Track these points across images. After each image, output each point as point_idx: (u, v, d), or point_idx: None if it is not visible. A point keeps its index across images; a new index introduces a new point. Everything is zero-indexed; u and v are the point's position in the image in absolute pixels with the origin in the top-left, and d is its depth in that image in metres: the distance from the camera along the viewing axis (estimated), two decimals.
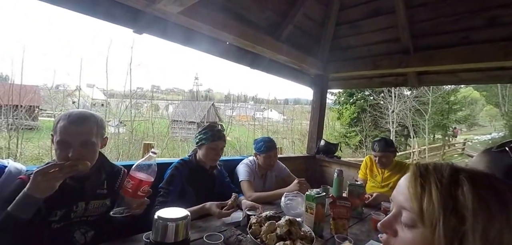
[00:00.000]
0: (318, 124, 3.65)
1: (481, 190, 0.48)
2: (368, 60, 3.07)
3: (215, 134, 1.82)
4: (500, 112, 23.20)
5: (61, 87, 9.18)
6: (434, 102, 16.03)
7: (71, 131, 1.20)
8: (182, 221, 0.71)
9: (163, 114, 15.48)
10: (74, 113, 1.26)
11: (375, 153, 2.40)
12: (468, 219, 0.47)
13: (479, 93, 24.65)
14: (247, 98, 14.75)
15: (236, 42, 2.44)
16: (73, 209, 1.26)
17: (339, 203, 1.52)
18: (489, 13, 2.38)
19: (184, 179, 1.74)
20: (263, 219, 1.36)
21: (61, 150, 1.20)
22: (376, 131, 16.01)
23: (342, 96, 17.15)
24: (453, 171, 0.52)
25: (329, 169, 3.51)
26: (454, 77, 3.09)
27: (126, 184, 1.15)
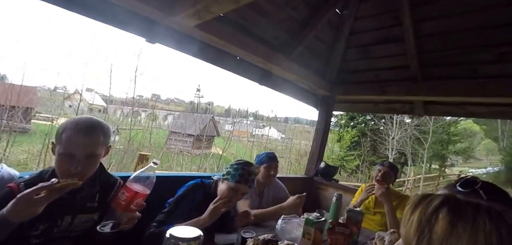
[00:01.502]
0: (321, 145, 3.63)
1: (458, 221, 0.48)
2: (375, 85, 3.09)
3: (243, 176, 1.59)
4: (498, 147, 23.39)
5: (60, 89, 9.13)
6: (434, 131, 16.14)
7: (77, 142, 1.13)
8: (195, 241, 0.68)
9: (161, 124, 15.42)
10: (82, 121, 1.19)
11: (382, 167, 2.41)
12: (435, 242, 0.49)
13: (479, 126, 24.90)
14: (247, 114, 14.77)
15: (247, 57, 2.45)
16: (57, 224, 1.17)
17: (338, 230, 1.50)
18: (499, 49, 2.40)
19: (195, 204, 1.59)
20: (260, 242, 1.32)
21: (63, 163, 1.14)
22: (374, 156, 16.02)
23: (343, 119, 17.24)
24: (443, 201, 0.52)
25: (326, 193, 3.46)
26: (461, 109, 3.10)
27: (120, 196, 1.09)
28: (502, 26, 2.34)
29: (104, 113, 9.22)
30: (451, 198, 0.52)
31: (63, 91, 8.96)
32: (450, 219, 0.49)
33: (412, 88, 2.85)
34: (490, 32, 2.41)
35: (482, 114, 3.12)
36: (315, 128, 3.74)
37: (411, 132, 15.58)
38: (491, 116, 3.29)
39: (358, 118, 16.95)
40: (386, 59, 3.01)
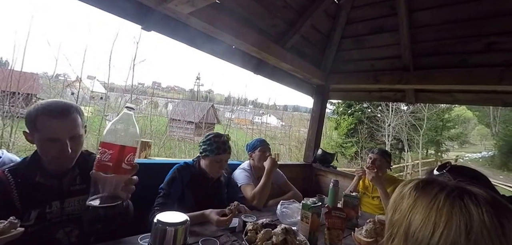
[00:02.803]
0: (317, 133, 3.67)
1: (420, 197, 0.54)
2: (369, 74, 3.11)
3: (220, 146, 1.73)
4: (490, 132, 23.51)
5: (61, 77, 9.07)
6: (429, 118, 16.22)
7: (58, 126, 1.11)
8: (181, 226, 0.70)
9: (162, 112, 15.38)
10: (53, 105, 1.13)
11: (372, 155, 2.49)
12: (400, 218, 0.54)
13: (472, 112, 24.93)
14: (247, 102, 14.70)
15: (242, 46, 2.45)
16: (47, 210, 1.16)
17: (334, 214, 1.50)
18: (487, 39, 2.44)
19: (185, 184, 1.69)
20: (259, 226, 1.35)
21: (51, 148, 1.12)
22: (371, 143, 16.09)
23: (340, 107, 17.22)
24: (417, 182, 0.58)
25: (325, 179, 3.52)
26: (450, 97, 3.13)
27: (103, 157, 0.84)
28: (491, 17, 2.37)
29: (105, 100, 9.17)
30: (421, 181, 0.57)
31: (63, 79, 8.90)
32: (415, 196, 0.54)
33: (404, 77, 2.88)
34: (480, 22, 2.44)
35: (470, 101, 3.16)
36: (311, 116, 3.76)
37: (406, 119, 15.62)
38: (478, 103, 3.31)
39: (355, 106, 16.92)
40: (380, 49, 3.02)
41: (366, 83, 3.19)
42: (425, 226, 0.49)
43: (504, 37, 2.37)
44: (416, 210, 0.52)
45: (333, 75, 3.37)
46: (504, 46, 2.38)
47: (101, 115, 7.80)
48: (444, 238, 0.46)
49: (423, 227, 0.49)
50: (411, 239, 0.50)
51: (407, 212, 0.53)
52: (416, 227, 0.50)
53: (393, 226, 0.56)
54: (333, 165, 3.62)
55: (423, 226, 0.49)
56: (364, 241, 1.07)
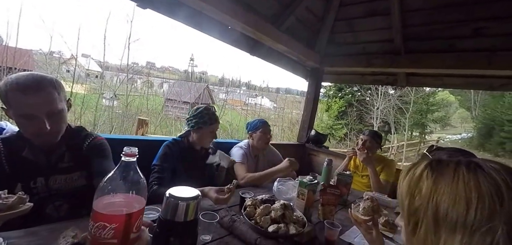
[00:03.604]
0: (311, 114, 3.66)
1: (440, 178, 0.51)
2: (362, 58, 3.08)
3: (212, 117, 1.78)
4: (470, 116, 24.07)
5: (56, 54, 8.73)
6: (415, 102, 16.45)
7: (30, 103, 1.00)
8: (193, 201, 0.67)
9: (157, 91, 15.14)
10: (23, 79, 1.00)
11: (363, 136, 2.51)
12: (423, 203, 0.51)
13: (454, 97, 25.39)
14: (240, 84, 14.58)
15: (238, 26, 2.37)
16: (31, 185, 1.10)
17: (329, 191, 1.53)
18: (476, 24, 2.43)
19: (176, 159, 1.70)
20: (258, 202, 1.35)
21: (28, 125, 1.04)
22: (360, 125, 16.31)
23: (331, 90, 17.25)
24: (426, 165, 0.56)
25: (317, 158, 3.55)
26: (439, 81, 3.16)
27: (102, 235, 0.64)
28: (480, 3, 2.35)
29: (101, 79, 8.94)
30: (433, 161, 0.55)
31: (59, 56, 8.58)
32: (434, 178, 0.51)
33: (395, 61, 2.86)
34: (468, 8, 2.41)
35: (458, 85, 3.17)
36: (305, 98, 3.75)
37: (394, 102, 15.81)
38: (466, 87, 3.34)
39: (345, 89, 16.99)
40: (373, 32, 2.98)
41: (359, 66, 3.16)
42: (457, 204, 0.46)
43: (492, 22, 2.36)
44: (440, 191, 0.49)
45: (327, 58, 3.33)
46: (491, 31, 2.38)
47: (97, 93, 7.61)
48: (480, 212, 0.44)
49: (455, 205, 0.46)
50: (444, 221, 0.47)
51: (430, 195, 0.50)
52: (446, 207, 0.47)
53: (415, 214, 0.52)
54: (325, 146, 3.65)
55: (455, 204, 0.46)
56: (361, 218, 1.07)
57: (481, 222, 0.43)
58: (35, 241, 0.86)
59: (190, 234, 0.71)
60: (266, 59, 3.05)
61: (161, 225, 0.69)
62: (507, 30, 2.30)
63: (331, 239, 1.26)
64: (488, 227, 0.42)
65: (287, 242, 1.13)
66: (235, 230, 1.18)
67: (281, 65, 3.27)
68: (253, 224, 1.20)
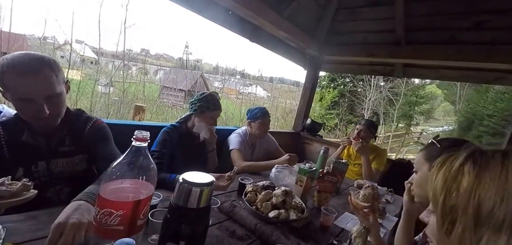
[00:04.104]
0: (307, 103, 3.61)
1: (484, 172, 0.44)
2: (362, 47, 3.01)
3: (216, 103, 1.75)
4: (454, 109, 24.54)
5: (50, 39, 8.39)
6: (405, 94, 16.59)
7: (28, 86, 0.92)
8: (208, 187, 0.61)
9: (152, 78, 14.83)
10: (19, 60, 0.91)
11: (359, 125, 2.50)
12: (462, 200, 0.44)
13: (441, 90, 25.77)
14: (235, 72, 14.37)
15: (239, 11, 2.27)
16: (32, 169, 1.05)
17: (326, 178, 1.53)
18: (477, 17, 2.38)
19: (175, 144, 1.66)
20: (259, 188, 1.34)
21: (26, 109, 0.97)
22: (351, 115, 16.42)
23: (324, 80, 17.25)
24: (467, 157, 0.48)
25: (310, 146, 3.53)
26: (436, 73, 3.11)
27: (109, 222, 0.61)
28: None
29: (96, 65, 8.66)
30: (476, 152, 0.48)
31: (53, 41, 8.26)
32: (476, 172, 0.45)
33: (396, 51, 2.80)
34: (471, 0, 2.36)
35: (455, 78, 3.14)
36: (303, 86, 3.68)
37: (385, 94, 15.91)
38: (462, 80, 3.34)
39: (338, 80, 17.02)
40: (375, 22, 2.89)
41: (359, 56, 3.09)
42: (505, 201, 0.40)
43: (493, 16, 2.31)
44: (483, 186, 0.42)
45: (327, 47, 3.24)
46: (492, 24, 2.33)
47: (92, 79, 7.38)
48: None
49: (502, 202, 0.40)
50: (487, 219, 0.41)
51: (472, 191, 0.43)
52: (492, 205, 0.41)
53: (452, 212, 0.45)
54: (319, 134, 3.62)
55: (502, 201, 0.40)
56: (361, 205, 1.06)
57: None
58: (35, 226, 0.83)
59: (202, 221, 0.65)
60: (266, 46, 2.94)
61: (173, 211, 0.62)
62: (508, 23, 2.26)
63: (327, 225, 1.27)
64: None
65: (285, 227, 1.14)
66: (235, 215, 1.17)
67: (280, 53, 3.18)
68: (253, 210, 1.20)
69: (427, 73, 3.20)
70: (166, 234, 0.62)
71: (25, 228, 0.80)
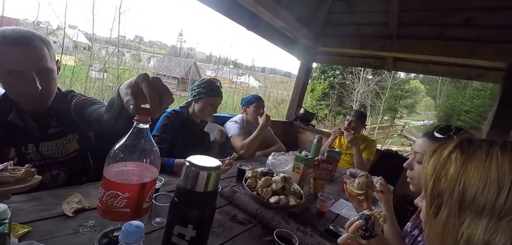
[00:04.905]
0: (300, 93, 3.59)
1: (471, 160, 0.45)
2: (356, 39, 2.99)
3: (214, 89, 1.69)
4: (434, 104, 25.13)
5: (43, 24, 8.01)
6: (392, 87, 16.83)
7: (18, 56, 0.85)
8: (215, 171, 0.58)
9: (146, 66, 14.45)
10: (8, 32, 0.86)
11: (350, 116, 2.52)
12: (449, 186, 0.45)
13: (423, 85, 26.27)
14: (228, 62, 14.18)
15: None
16: (23, 151, 0.99)
17: (322, 166, 1.54)
18: (467, 13, 2.37)
19: (175, 130, 1.62)
20: (258, 174, 1.33)
21: (15, 83, 0.88)
22: (340, 107, 16.57)
23: (316, 72, 17.26)
24: (456, 145, 0.49)
25: (303, 135, 3.53)
26: (424, 67, 3.13)
27: (114, 204, 0.58)
28: None
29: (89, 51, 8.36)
30: (464, 141, 0.48)
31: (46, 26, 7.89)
32: (463, 160, 0.45)
33: (387, 45, 2.79)
34: None
35: (442, 73, 3.18)
36: (297, 77, 3.65)
37: (372, 87, 16.10)
38: (448, 75, 3.36)
39: (328, 72, 17.07)
40: (370, 14, 2.87)
41: (352, 48, 3.08)
42: (487, 188, 0.40)
43: (483, 12, 2.31)
44: (468, 173, 0.43)
45: (321, 38, 3.20)
46: (480, 21, 2.34)
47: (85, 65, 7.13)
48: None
49: (484, 189, 0.40)
50: (470, 205, 0.41)
51: (458, 178, 0.44)
52: (475, 191, 0.41)
53: (439, 197, 0.46)
54: (312, 124, 3.63)
55: (484, 188, 0.41)
56: (356, 192, 1.06)
57: (511, 208, 0.38)
58: (39, 206, 0.80)
59: (209, 205, 0.63)
60: (262, 35, 2.88)
61: (180, 194, 0.59)
62: (493, 21, 2.27)
63: (323, 210, 1.28)
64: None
65: (284, 212, 1.12)
66: (235, 200, 1.16)
67: (276, 43, 3.12)
68: (255, 195, 1.19)
69: (416, 68, 3.22)
70: (174, 218, 0.60)
71: (30, 208, 0.77)
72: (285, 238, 0.86)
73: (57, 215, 0.76)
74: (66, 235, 0.70)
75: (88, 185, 0.99)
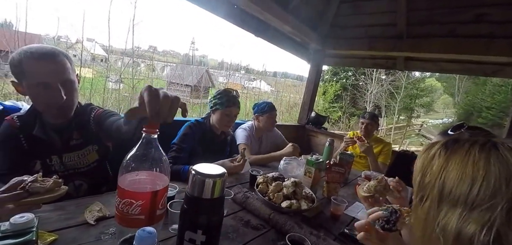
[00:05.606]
0: (311, 97, 3.59)
1: (452, 156, 0.49)
2: (364, 41, 2.97)
3: (230, 99, 1.68)
4: (453, 102, 24.23)
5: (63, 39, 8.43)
6: (406, 87, 16.41)
7: (46, 70, 0.95)
8: (220, 178, 0.61)
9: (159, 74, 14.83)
10: (36, 48, 0.96)
11: (364, 120, 2.49)
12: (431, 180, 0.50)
13: (440, 83, 25.41)
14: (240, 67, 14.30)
15: (245, 5, 2.23)
16: (48, 163, 1.07)
17: (334, 169, 1.52)
18: (478, 9, 2.33)
19: (196, 140, 1.64)
20: (269, 179, 1.34)
21: (42, 94, 0.97)
22: (353, 108, 16.30)
23: (327, 74, 17.09)
24: (443, 143, 0.53)
25: (316, 139, 3.51)
26: (437, 66, 3.07)
27: (130, 211, 0.62)
28: None
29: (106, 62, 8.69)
30: (449, 141, 0.52)
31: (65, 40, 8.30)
32: (446, 157, 0.49)
33: (397, 45, 2.77)
34: None
35: (455, 71, 3.10)
36: (307, 80, 3.65)
37: (386, 87, 15.75)
38: (462, 73, 3.30)
39: (340, 74, 16.86)
40: (377, 15, 2.86)
41: (361, 50, 3.06)
42: (462, 182, 0.44)
43: (494, 9, 2.27)
44: (449, 168, 0.47)
45: (329, 40, 3.20)
46: (492, 17, 2.30)
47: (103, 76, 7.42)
48: (483, 190, 0.42)
49: (460, 183, 0.44)
50: (447, 198, 0.46)
51: (439, 173, 0.48)
52: (452, 185, 0.45)
53: (424, 189, 0.51)
54: (324, 127, 3.60)
55: (460, 182, 0.45)
56: (362, 195, 1.06)
57: (483, 200, 0.42)
58: (64, 215, 0.85)
59: (217, 211, 0.66)
60: (271, 41, 2.92)
61: (189, 201, 0.63)
62: (506, 16, 2.22)
63: (337, 214, 1.26)
64: (489, 205, 0.41)
65: (297, 217, 1.12)
66: (248, 205, 1.17)
67: (285, 47, 3.15)
68: (266, 200, 1.19)
69: (428, 66, 3.16)
70: (184, 224, 0.63)
71: (55, 217, 0.83)
72: (298, 242, 0.86)
73: (80, 223, 0.82)
74: (89, 242, 0.75)
75: (108, 194, 1.05)
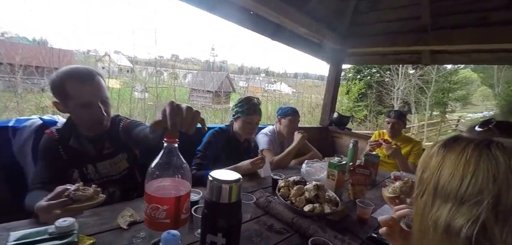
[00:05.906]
0: (332, 97, 3.54)
1: (448, 154, 0.51)
2: (385, 37, 2.89)
3: (251, 108, 1.71)
4: (493, 93, 22.45)
5: (93, 52, 9.10)
6: (437, 81, 15.48)
7: (89, 91, 1.06)
8: (236, 183, 0.66)
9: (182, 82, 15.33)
10: (78, 70, 1.07)
11: (390, 119, 2.43)
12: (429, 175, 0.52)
13: (476, 74, 23.62)
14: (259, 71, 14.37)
15: (260, 11, 2.27)
16: (84, 171, 1.17)
17: (358, 171, 1.50)
18: None
19: (220, 147, 1.69)
20: (290, 183, 1.35)
21: (87, 113, 1.08)
22: (380, 106, 15.69)
23: (350, 72, 16.60)
24: (442, 142, 0.55)
25: (340, 140, 3.45)
26: (466, 57, 2.91)
27: (156, 216, 0.69)
28: None
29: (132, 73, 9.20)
30: (449, 140, 0.55)
31: (95, 54, 8.95)
32: (443, 155, 0.51)
33: (422, 38, 2.66)
34: None
35: (486, 61, 2.92)
36: (327, 81, 3.62)
37: (415, 82, 14.96)
38: (495, 63, 3.08)
39: (364, 71, 16.30)
40: (398, 10, 2.78)
41: (382, 46, 2.98)
42: (453, 178, 0.47)
43: None
44: (444, 165, 0.50)
45: (349, 39, 3.16)
46: None
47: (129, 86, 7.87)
48: (472, 187, 0.44)
49: (451, 179, 0.47)
50: (440, 192, 0.49)
51: (436, 169, 0.51)
52: (445, 181, 0.48)
53: (423, 184, 0.54)
54: (348, 127, 3.53)
55: (451, 178, 0.47)
56: (387, 196, 1.04)
57: (471, 196, 0.44)
58: (100, 221, 0.93)
59: (235, 214, 0.70)
60: (287, 44, 2.94)
61: (208, 206, 0.68)
62: None
63: (364, 217, 1.24)
64: (476, 200, 0.43)
65: (321, 221, 1.12)
66: (271, 210, 1.18)
67: (302, 49, 3.15)
68: (289, 204, 1.19)
69: (457, 58, 3.01)
70: (205, 228, 0.68)
71: (92, 222, 0.91)
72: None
73: (114, 228, 0.90)
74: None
75: (138, 200, 1.13)
